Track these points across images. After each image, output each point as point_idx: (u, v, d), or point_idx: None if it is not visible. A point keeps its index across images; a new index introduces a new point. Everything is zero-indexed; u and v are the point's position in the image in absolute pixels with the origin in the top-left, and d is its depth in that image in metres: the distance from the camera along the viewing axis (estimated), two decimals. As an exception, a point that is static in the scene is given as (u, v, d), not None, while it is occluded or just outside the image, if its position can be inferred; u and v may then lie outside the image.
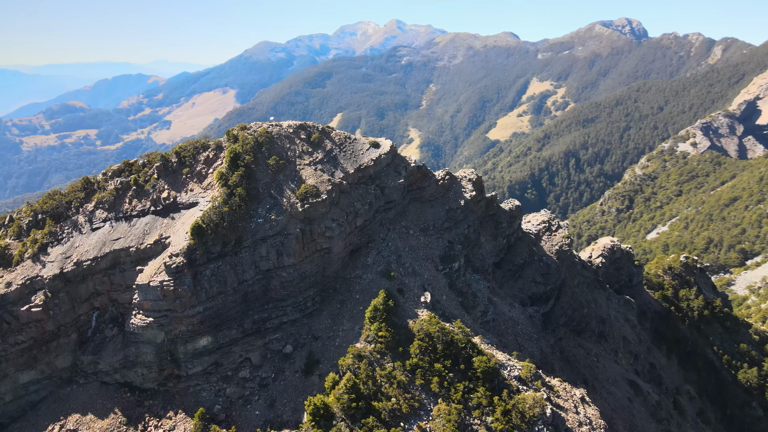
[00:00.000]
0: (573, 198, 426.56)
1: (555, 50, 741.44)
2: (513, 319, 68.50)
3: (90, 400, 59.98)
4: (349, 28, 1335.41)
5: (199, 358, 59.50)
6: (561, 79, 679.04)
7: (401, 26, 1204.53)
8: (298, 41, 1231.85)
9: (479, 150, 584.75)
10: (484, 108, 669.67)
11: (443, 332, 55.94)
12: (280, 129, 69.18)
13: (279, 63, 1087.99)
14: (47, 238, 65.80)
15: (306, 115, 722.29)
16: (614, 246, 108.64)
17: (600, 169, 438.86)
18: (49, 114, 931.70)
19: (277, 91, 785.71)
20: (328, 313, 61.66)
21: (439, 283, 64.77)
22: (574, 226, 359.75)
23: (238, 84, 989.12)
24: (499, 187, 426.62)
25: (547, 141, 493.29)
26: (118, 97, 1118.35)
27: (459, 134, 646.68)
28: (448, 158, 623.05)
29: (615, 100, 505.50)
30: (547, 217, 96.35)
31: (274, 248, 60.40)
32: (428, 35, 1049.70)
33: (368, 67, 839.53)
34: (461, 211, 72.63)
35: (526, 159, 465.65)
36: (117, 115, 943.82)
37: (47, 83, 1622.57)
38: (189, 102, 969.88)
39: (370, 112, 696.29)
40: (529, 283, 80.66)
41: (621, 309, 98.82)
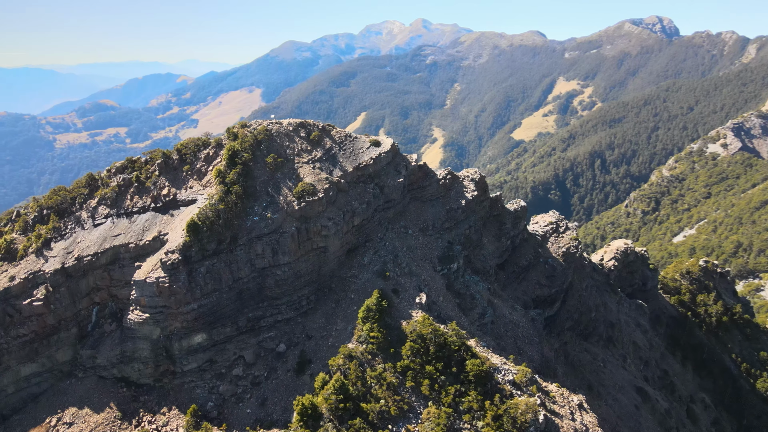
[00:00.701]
0: (598, 199, 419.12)
1: (582, 49, 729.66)
2: (513, 321, 67.11)
3: (87, 394, 60.73)
4: (375, 28, 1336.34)
5: (193, 355, 59.72)
6: (588, 78, 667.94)
7: (427, 25, 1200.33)
8: (324, 41, 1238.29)
9: (503, 150, 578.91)
10: (509, 108, 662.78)
11: (436, 334, 55.05)
12: (279, 127, 69.02)
13: (304, 62, 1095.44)
14: (51, 233, 66.91)
15: (330, 113, 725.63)
16: (628, 249, 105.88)
17: (626, 171, 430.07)
18: (82, 112, 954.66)
19: (301, 90, 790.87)
20: (322, 313, 61.28)
21: (437, 284, 63.80)
22: (597, 228, 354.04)
23: (264, 83, 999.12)
24: (522, 187, 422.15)
25: (572, 141, 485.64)
26: (148, 96, 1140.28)
27: (483, 134, 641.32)
28: (471, 158, 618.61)
29: (643, 99, 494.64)
30: (555, 218, 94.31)
31: (270, 246, 60.27)
32: (454, 34, 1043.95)
33: (393, 66, 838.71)
34: (462, 212, 71.47)
35: (550, 159, 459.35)
36: (146, 113, 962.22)
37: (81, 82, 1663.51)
38: (216, 101, 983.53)
39: (394, 111, 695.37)
40: (533, 285, 79.03)
41: (632, 313, 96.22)
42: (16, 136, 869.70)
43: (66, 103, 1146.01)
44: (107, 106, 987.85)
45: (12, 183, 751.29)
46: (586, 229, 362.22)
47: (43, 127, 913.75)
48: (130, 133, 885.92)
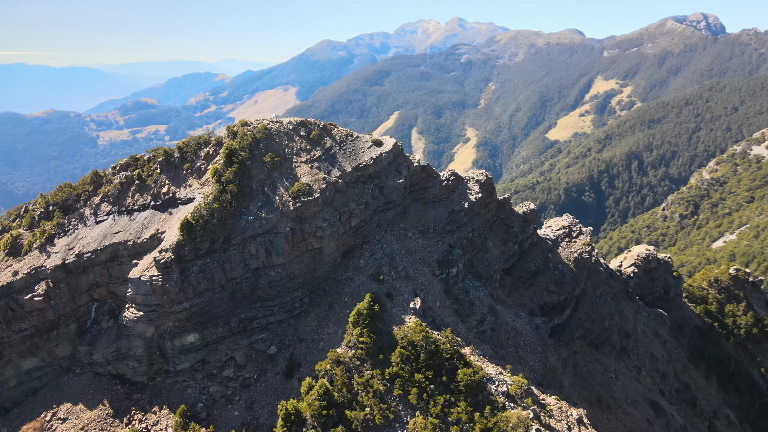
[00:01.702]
0: (634, 202, 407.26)
1: (622, 47, 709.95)
2: (516, 329, 64.53)
3: (82, 390, 61.10)
4: (410, 27, 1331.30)
5: (186, 355, 59.39)
6: (628, 77, 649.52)
7: (462, 24, 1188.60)
8: (359, 40, 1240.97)
9: (537, 150, 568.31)
10: (545, 107, 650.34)
11: (427, 341, 53.22)
12: (280, 126, 68.18)
13: (339, 61, 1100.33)
14: (55, 230, 67.77)
15: (363, 112, 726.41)
16: (649, 255, 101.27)
17: (665, 173, 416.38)
18: (124, 110, 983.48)
19: (335, 88, 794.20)
20: (315, 315, 60.12)
21: (434, 289, 61.83)
22: (632, 232, 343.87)
23: (299, 82, 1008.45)
24: (555, 189, 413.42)
25: (609, 142, 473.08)
26: (187, 95, 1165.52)
27: (517, 134, 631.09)
28: (505, 158, 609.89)
29: (684, 99, 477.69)
30: (568, 222, 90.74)
31: (263, 247, 59.45)
32: (490, 33, 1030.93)
33: (427, 65, 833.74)
34: (465, 214, 69.16)
35: (585, 160, 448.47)
36: (185, 111, 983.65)
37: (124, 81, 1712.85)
38: (252, 99, 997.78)
39: (427, 110, 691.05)
40: (541, 291, 76.06)
41: (651, 323, 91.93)
42: (63, 133, 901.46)
43: (109, 101, 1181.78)
44: (148, 104, 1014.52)
45: (57, 178, 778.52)
46: (620, 233, 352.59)
47: (87, 124, 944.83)
48: (169, 130, 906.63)
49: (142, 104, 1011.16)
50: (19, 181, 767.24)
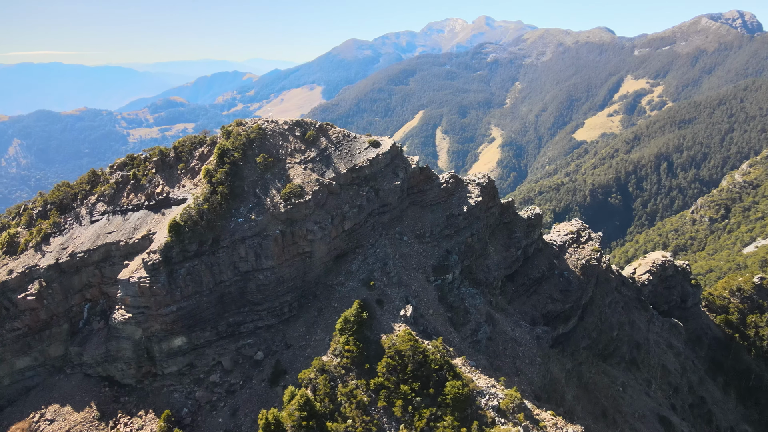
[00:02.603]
0: (663, 204, 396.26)
1: (654, 46, 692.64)
2: (515, 339, 61.85)
3: (71, 392, 60.69)
4: (437, 25, 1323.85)
5: (173, 358, 58.43)
6: (659, 76, 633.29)
7: (490, 23, 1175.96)
8: (385, 39, 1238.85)
9: (564, 151, 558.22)
10: (572, 107, 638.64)
11: (415, 351, 51.14)
12: (275, 126, 66.82)
13: (365, 60, 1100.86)
14: (51, 229, 67.60)
15: (388, 111, 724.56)
16: (666, 262, 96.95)
17: (695, 174, 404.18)
18: (153, 108, 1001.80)
19: (360, 87, 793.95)
20: (304, 321, 58.56)
21: (428, 296, 59.62)
22: (659, 235, 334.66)
23: (325, 81, 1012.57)
24: (580, 190, 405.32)
25: (637, 143, 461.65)
26: (215, 93, 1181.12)
27: (543, 134, 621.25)
28: (530, 158, 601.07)
29: (717, 99, 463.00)
30: (576, 227, 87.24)
31: (252, 249, 58.12)
32: (517, 32, 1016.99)
33: (452, 64, 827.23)
34: (464, 218, 66.66)
35: (612, 161, 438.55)
36: (212, 110, 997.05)
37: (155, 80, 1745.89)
38: (278, 98, 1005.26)
39: (452, 110, 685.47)
40: (544, 299, 73.08)
41: (665, 333, 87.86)
42: (95, 131, 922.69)
43: (140, 100, 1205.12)
44: (177, 102, 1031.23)
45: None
46: (647, 236, 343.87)
47: (118, 122, 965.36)
48: (197, 128, 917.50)
49: (172, 102, 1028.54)
50: (52, 177, 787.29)
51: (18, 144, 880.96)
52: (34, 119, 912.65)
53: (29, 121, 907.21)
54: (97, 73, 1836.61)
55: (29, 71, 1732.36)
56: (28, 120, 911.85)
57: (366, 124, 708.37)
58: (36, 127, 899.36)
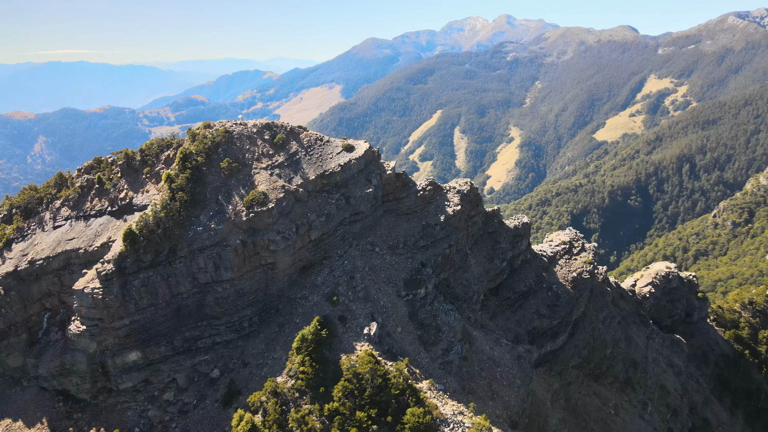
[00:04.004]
0: (684, 207, 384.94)
1: (678, 44, 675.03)
2: (493, 359, 57.49)
3: (25, 406, 58.15)
4: (457, 24, 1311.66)
5: (128, 374, 55.40)
6: (683, 76, 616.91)
7: (511, 21, 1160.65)
8: (405, 37, 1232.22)
9: (584, 151, 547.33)
10: (593, 107, 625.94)
11: (374, 373, 47.21)
12: (243, 128, 63.37)
13: (384, 59, 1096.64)
14: (14, 234, 65.30)
15: (406, 110, 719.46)
16: (670, 273, 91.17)
17: (719, 177, 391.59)
18: (175, 106, 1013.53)
19: (379, 86, 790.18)
20: (264, 337, 55.04)
21: (398, 312, 55.59)
22: (680, 239, 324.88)
23: (344, 80, 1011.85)
24: (599, 191, 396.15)
25: (659, 144, 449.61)
26: (236, 92, 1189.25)
27: (563, 134, 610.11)
28: (549, 159, 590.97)
29: (743, 99, 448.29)
30: (569, 237, 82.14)
31: (212, 260, 54.78)
32: (538, 30, 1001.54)
33: (472, 63, 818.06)
34: (441, 228, 62.37)
35: (632, 163, 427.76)
36: (232, 108, 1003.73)
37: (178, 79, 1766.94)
38: (297, 97, 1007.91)
39: (470, 109, 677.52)
40: (530, 315, 68.41)
41: (665, 351, 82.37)
42: (117, 128, 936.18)
43: (163, 98, 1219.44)
44: (198, 101, 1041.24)
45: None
46: (666, 240, 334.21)
47: (140, 120, 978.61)
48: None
49: (192, 101, 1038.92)
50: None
51: (43, 141, 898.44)
52: (60, 117, 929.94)
53: (54, 119, 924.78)
54: (122, 72, 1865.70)
55: (57, 70, 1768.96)
56: (54, 117, 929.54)
57: (384, 123, 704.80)
58: (61, 125, 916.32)
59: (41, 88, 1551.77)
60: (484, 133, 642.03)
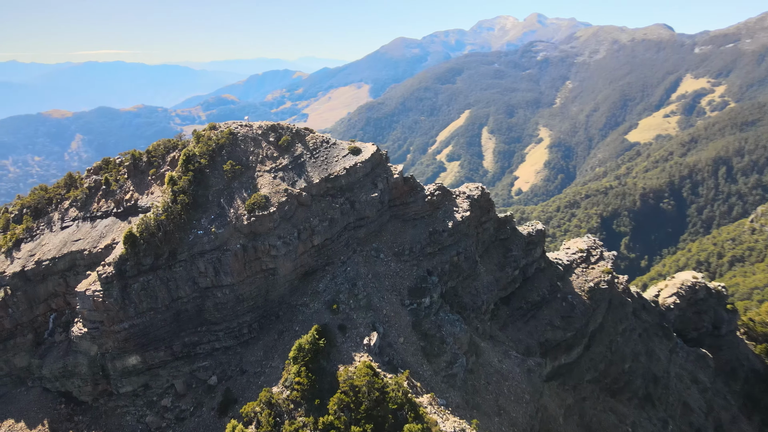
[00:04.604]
0: (720, 211, 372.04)
1: (716, 43, 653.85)
2: (501, 372, 55.02)
3: (28, 407, 58.14)
4: (487, 23, 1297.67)
5: (128, 378, 54.86)
6: (721, 75, 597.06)
7: (542, 20, 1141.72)
8: (434, 37, 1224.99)
9: (615, 152, 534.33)
10: (626, 107, 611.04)
11: (372, 386, 45.38)
12: (248, 130, 62.22)
13: (413, 59, 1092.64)
14: (24, 234, 65.53)
15: (434, 110, 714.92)
16: (696, 284, 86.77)
17: (757, 180, 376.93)
18: (206, 106, 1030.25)
19: (407, 86, 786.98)
20: (263, 344, 53.75)
21: (401, 322, 53.60)
22: (714, 244, 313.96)
23: (372, 79, 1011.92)
24: (630, 194, 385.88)
25: (694, 145, 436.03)
26: (265, 91, 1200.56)
27: (594, 135, 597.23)
28: (579, 160, 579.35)
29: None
30: (587, 244, 78.61)
31: (212, 265, 53.73)
32: (570, 29, 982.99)
33: (501, 63, 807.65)
34: (449, 235, 60.05)
35: (665, 165, 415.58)
36: (262, 107, 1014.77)
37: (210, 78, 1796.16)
38: (326, 96, 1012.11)
39: (498, 109, 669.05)
40: (543, 326, 65.51)
41: (689, 366, 78.33)
42: (150, 127, 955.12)
43: (195, 97, 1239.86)
44: (228, 100, 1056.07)
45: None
46: (700, 245, 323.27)
47: (172, 119, 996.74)
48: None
49: (223, 100, 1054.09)
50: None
51: (80, 139, 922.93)
52: (96, 115, 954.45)
53: (91, 117, 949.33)
54: (157, 72, 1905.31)
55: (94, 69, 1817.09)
56: (90, 116, 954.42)
57: (411, 122, 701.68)
58: (97, 123, 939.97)
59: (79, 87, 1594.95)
60: (512, 134, 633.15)
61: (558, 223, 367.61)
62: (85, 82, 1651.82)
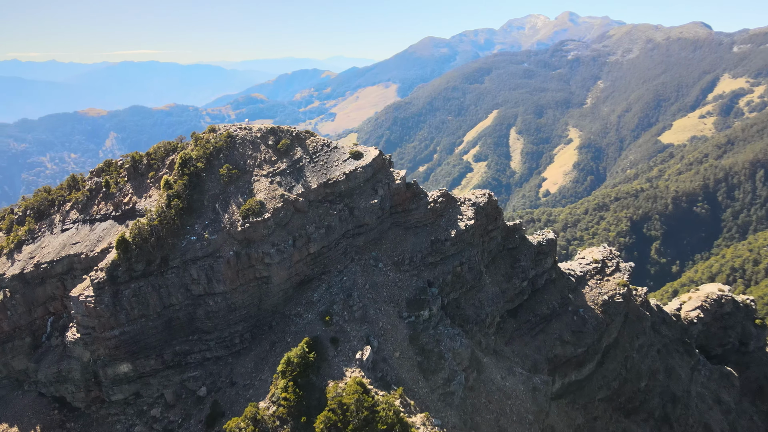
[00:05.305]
0: (757, 216, 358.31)
1: (756, 42, 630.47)
2: (504, 390, 52.10)
3: (22, 411, 57.72)
4: (517, 22, 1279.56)
5: (119, 386, 53.85)
6: (761, 75, 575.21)
7: (574, 19, 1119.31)
8: (463, 36, 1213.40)
9: (647, 154, 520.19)
10: (659, 108, 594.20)
11: (360, 405, 43.15)
12: (247, 133, 60.60)
13: (441, 58, 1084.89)
14: (26, 236, 65.26)
15: (461, 110, 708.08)
16: (722, 297, 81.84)
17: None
18: (235, 104, 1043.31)
19: (434, 86, 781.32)
20: (255, 355, 51.99)
21: (397, 336, 51.14)
22: (750, 251, 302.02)
23: (400, 79, 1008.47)
24: (662, 197, 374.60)
25: (731, 147, 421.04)
26: (294, 90, 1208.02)
27: (625, 136, 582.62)
28: (610, 162, 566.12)
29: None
30: (603, 254, 74.60)
31: (204, 272, 52.21)
32: (603, 28, 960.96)
33: (530, 62, 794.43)
34: (452, 244, 57.26)
35: (700, 167, 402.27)
36: (290, 106, 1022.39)
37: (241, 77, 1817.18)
38: (353, 95, 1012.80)
39: (527, 109, 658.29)
40: (552, 340, 62.12)
41: (712, 385, 73.80)
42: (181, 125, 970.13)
43: (225, 96, 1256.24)
44: (257, 99, 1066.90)
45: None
46: (735, 250, 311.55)
47: (203, 117, 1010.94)
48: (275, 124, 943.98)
49: (252, 99, 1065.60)
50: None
51: (114, 137, 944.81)
52: (129, 114, 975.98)
53: (124, 116, 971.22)
54: (189, 71, 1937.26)
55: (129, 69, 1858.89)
56: (124, 114, 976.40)
57: (438, 122, 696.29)
58: (130, 122, 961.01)
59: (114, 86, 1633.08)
60: (541, 134, 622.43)
61: (586, 226, 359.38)
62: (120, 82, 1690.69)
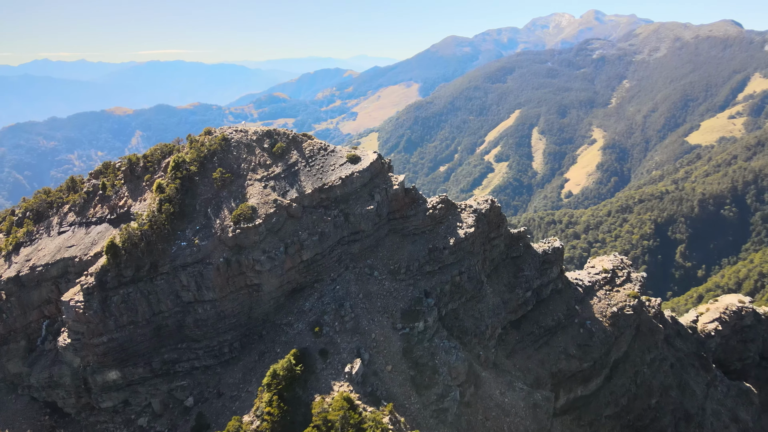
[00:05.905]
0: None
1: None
2: (502, 406, 49.67)
3: (15, 416, 57.21)
4: (541, 21, 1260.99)
5: (108, 393, 52.87)
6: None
7: (599, 17, 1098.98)
8: (486, 35, 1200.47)
9: (674, 155, 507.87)
10: (687, 108, 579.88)
11: (346, 421, 41.33)
12: (242, 136, 59.11)
13: (464, 58, 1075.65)
14: (24, 238, 64.85)
15: (483, 110, 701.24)
16: (742, 309, 77.73)
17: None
18: (258, 104, 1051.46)
19: (456, 85, 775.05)
20: (243, 365, 50.47)
21: (390, 348, 49.09)
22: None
23: (422, 78, 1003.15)
24: (688, 200, 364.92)
25: (761, 149, 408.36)
26: (316, 90, 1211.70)
27: (651, 136, 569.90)
28: (634, 163, 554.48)
29: None
30: (614, 264, 71.28)
31: (194, 278, 50.87)
32: (629, 26, 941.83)
33: (554, 61, 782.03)
34: (451, 252, 54.92)
35: (728, 169, 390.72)
36: (312, 105, 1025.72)
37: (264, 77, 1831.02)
38: (375, 95, 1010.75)
39: (550, 109, 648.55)
40: (557, 354, 59.33)
41: (729, 402, 70.02)
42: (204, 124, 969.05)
43: (248, 95, 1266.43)
44: (279, 98, 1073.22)
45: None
46: (764, 256, 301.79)
47: (226, 116, 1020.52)
48: (296, 123, 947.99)
49: (275, 98, 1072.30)
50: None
51: (140, 135, 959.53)
52: (155, 112, 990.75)
53: (150, 114, 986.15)
54: (214, 70, 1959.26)
55: (156, 68, 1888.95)
56: (149, 113, 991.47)
57: (460, 122, 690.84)
58: (155, 120, 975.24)
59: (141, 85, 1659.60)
60: (564, 135, 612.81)
61: (608, 228, 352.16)
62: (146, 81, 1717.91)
